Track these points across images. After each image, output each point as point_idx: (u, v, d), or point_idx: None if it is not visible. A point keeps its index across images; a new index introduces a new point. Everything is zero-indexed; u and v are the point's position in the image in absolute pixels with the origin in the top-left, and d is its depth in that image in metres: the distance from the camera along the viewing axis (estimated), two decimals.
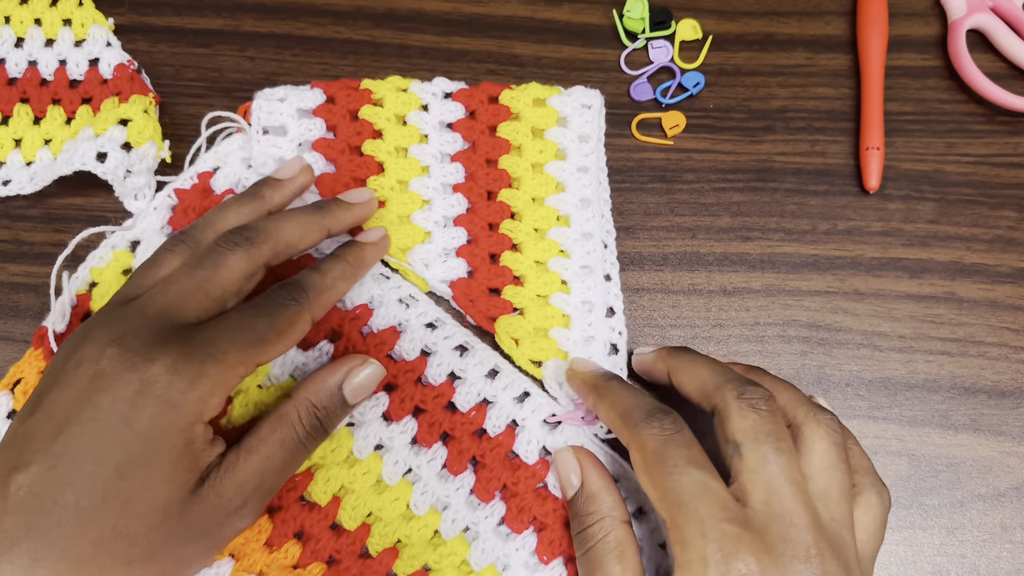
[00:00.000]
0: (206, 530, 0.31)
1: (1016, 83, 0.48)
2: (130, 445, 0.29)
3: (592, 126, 0.45)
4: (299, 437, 0.34)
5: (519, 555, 0.37)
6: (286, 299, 0.34)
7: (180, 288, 0.32)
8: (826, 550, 0.29)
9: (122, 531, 0.28)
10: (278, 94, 0.44)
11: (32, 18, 0.47)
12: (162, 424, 0.29)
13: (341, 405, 0.36)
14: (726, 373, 0.34)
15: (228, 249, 0.34)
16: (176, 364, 0.29)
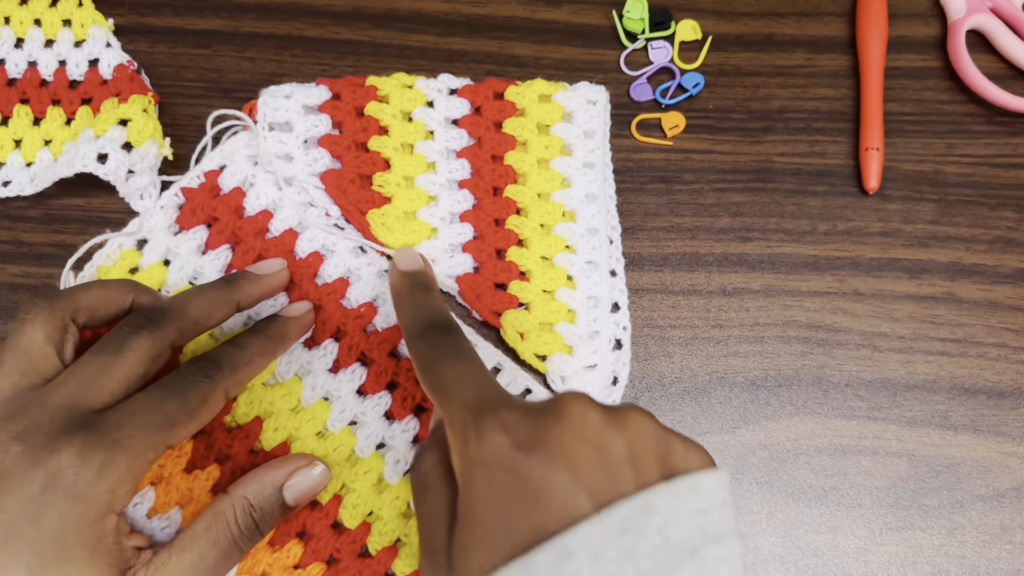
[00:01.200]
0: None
1: (1016, 84, 0.48)
2: (39, 546, 0.27)
3: (597, 122, 0.45)
4: (233, 537, 0.32)
5: None
6: (197, 376, 0.32)
7: (82, 375, 0.31)
8: None
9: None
10: (284, 91, 0.44)
11: (32, 18, 0.47)
12: (71, 519, 0.28)
13: (280, 507, 0.34)
14: None
15: (131, 331, 0.32)
16: (82, 454, 0.28)
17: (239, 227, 0.41)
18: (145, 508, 0.36)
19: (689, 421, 0.41)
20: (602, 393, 0.40)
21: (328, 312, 0.40)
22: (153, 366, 0.32)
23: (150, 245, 0.41)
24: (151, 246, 0.41)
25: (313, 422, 0.38)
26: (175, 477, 0.36)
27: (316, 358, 0.39)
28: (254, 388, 0.38)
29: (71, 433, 0.29)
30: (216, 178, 0.43)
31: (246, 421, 0.38)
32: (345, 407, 0.39)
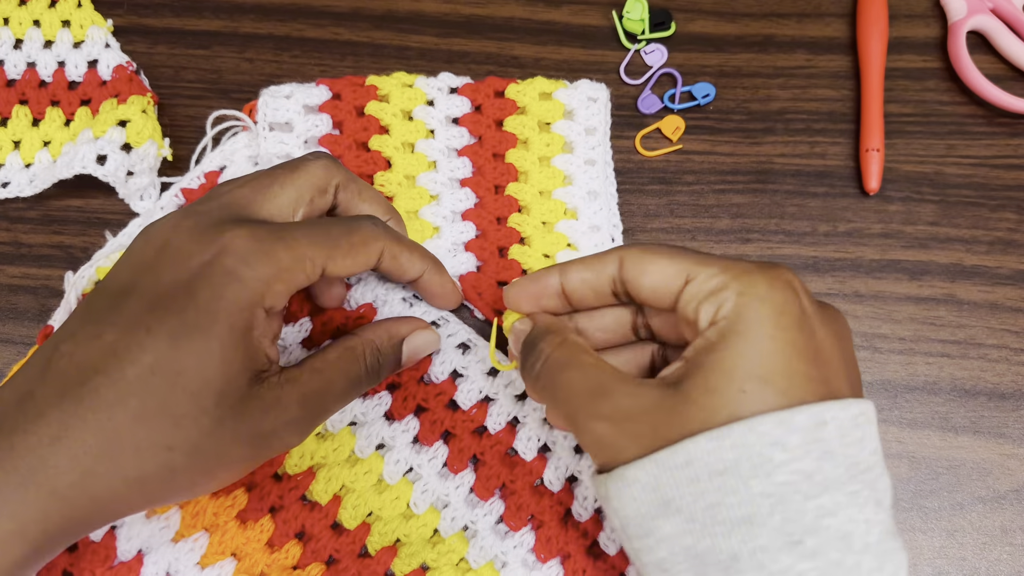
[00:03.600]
0: (257, 433, 0.29)
1: (1016, 85, 0.48)
2: (188, 314, 0.27)
3: (598, 119, 0.45)
4: (360, 373, 0.34)
5: (517, 552, 0.37)
6: (367, 221, 0.33)
7: (258, 181, 0.32)
8: None
9: (169, 410, 0.26)
10: (284, 91, 0.44)
11: (31, 19, 0.47)
12: (225, 297, 0.28)
13: (396, 360, 0.36)
14: None
15: (309, 157, 0.34)
16: (247, 241, 0.29)
17: None
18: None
19: None
20: None
21: (328, 314, 0.40)
22: (319, 199, 0.34)
23: None
24: None
25: None
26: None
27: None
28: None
29: (242, 223, 0.30)
30: (216, 179, 0.43)
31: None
32: (345, 408, 0.39)
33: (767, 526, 0.25)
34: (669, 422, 0.26)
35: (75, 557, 0.35)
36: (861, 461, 0.26)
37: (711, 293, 0.27)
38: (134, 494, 0.27)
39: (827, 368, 0.26)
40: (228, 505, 0.36)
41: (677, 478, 0.25)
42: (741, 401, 0.25)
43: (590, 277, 0.32)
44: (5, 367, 0.41)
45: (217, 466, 0.29)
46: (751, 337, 0.26)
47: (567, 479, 0.38)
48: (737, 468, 0.25)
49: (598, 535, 0.37)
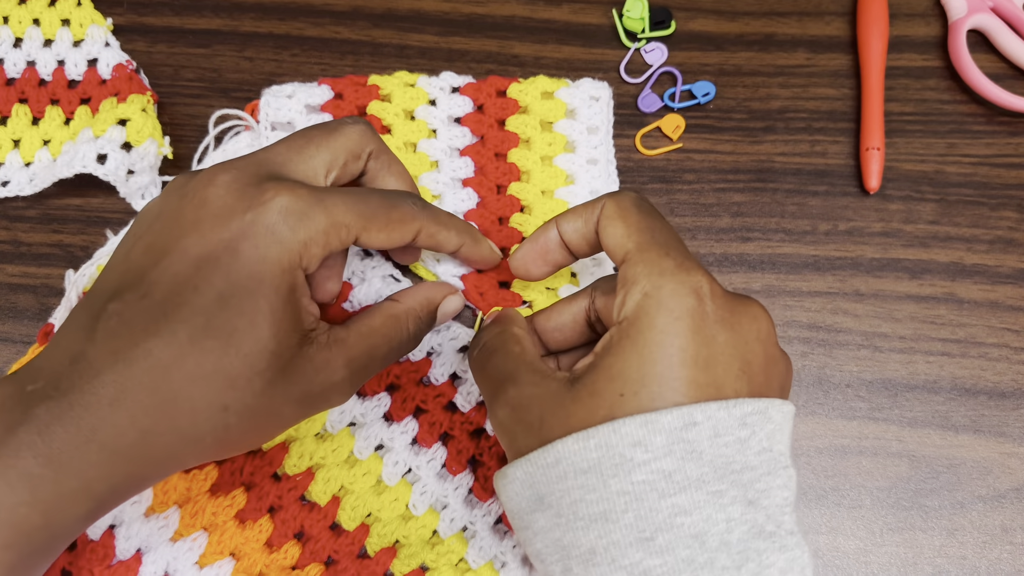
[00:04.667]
0: (307, 393, 0.29)
1: (1017, 83, 0.48)
2: (234, 274, 0.27)
3: (600, 118, 0.44)
4: (403, 339, 0.34)
5: (516, 552, 0.37)
6: (407, 200, 0.33)
7: (293, 142, 0.32)
8: None
9: (223, 371, 0.27)
10: (286, 91, 0.44)
11: (31, 18, 0.47)
12: (269, 258, 0.28)
13: (431, 324, 0.37)
14: None
15: (347, 120, 0.34)
16: (288, 200, 0.28)
17: None
18: (143, 508, 0.36)
19: None
20: None
21: (330, 316, 0.40)
22: (352, 164, 0.33)
23: None
24: None
25: (312, 424, 0.38)
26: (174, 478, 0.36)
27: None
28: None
29: (283, 182, 0.29)
30: None
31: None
32: (344, 409, 0.38)
33: (620, 523, 0.26)
34: (555, 416, 0.28)
35: (74, 556, 0.35)
36: (736, 461, 0.26)
37: (625, 285, 0.28)
38: (190, 451, 0.28)
39: (722, 373, 0.27)
40: (227, 505, 0.36)
41: (548, 476, 0.27)
42: (617, 404, 0.26)
43: (580, 226, 0.33)
44: (5, 366, 0.41)
45: (267, 424, 0.30)
46: (640, 342, 0.27)
47: None
48: (599, 467, 0.26)
49: None
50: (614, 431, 0.26)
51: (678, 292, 0.27)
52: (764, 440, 0.27)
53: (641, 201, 0.31)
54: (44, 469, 0.25)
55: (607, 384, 0.27)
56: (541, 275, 0.35)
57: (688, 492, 0.25)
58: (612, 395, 0.27)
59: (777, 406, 0.27)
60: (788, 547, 0.26)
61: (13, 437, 0.25)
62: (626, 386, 0.26)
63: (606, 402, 0.27)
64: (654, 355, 0.26)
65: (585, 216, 0.33)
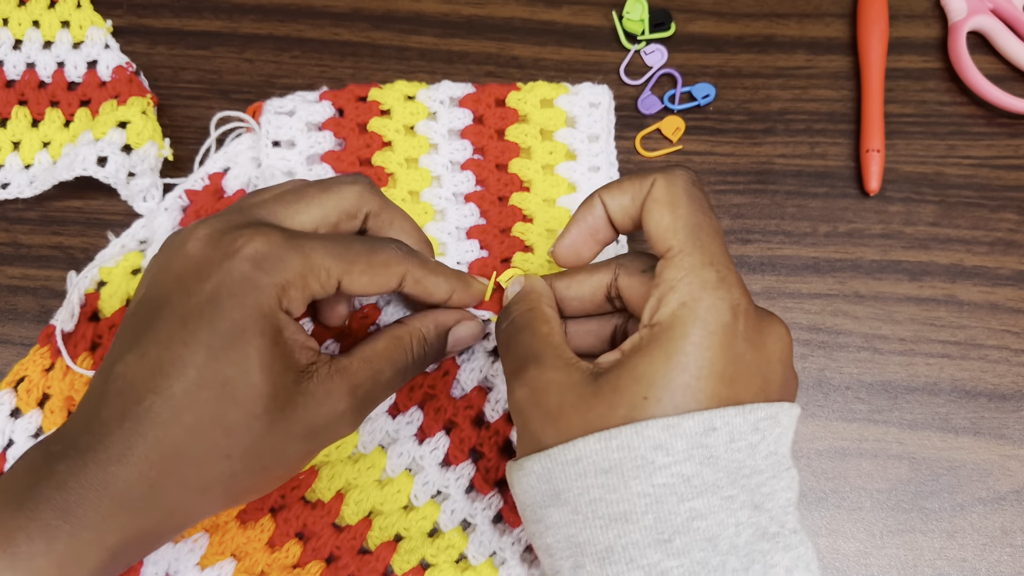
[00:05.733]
0: (311, 429, 0.30)
1: (1017, 85, 0.48)
2: (218, 326, 0.28)
3: (601, 125, 0.44)
4: (407, 363, 0.34)
5: (515, 549, 0.37)
6: (391, 246, 0.33)
7: (283, 193, 0.32)
8: None
9: (220, 420, 0.27)
10: (287, 107, 0.43)
11: (30, 20, 0.47)
12: (247, 305, 0.28)
13: (441, 349, 0.36)
14: None
15: (345, 180, 0.33)
16: (260, 245, 0.29)
17: None
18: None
19: None
20: None
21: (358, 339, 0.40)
22: (345, 223, 0.33)
23: (153, 247, 0.42)
24: (154, 248, 0.41)
25: None
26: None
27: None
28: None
29: (257, 228, 0.30)
30: (220, 180, 0.43)
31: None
32: None
33: (640, 524, 0.26)
34: (575, 407, 0.28)
35: None
36: (746, 466, 0.27)
37: (662, 286, 0.28)
38: (199, 502, 0.29)
39: (743, 390, 0.27)
40: None
41: (567, 472, 0.27)
42: (639, 406, 0.27)
43: (627, 203, 0.32)
44: (5, 367, 0.41)
45: (275, 465, 0.30)
46: (671, 349, 0.27)
47: None
48: (621, 468, 0.26)
49: None
50: (637, 433, 0.26)
51: (716, 308, 0.27)
52: (772, 444, 0.28)
53: (692, 186, 0.30)
54: (60, 521, 0.26)
55: (631, 385, 0.27)
56: (592, 257, 0.34)
57: (704, 496, 0.26)
58: (635, 396, 0.27)
59: (786, 410, 0.28)
60: (792, 546, 0.27)
61: (35, 492, 0.27)
62: (651, 390, 0.27)
63: (627, 402, 0.27)
64: (683, 364, 0.27)
65: (632, 192, 0.31)
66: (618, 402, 0.27)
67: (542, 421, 0.29)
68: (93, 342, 0.40)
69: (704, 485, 0.26)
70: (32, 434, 0.39)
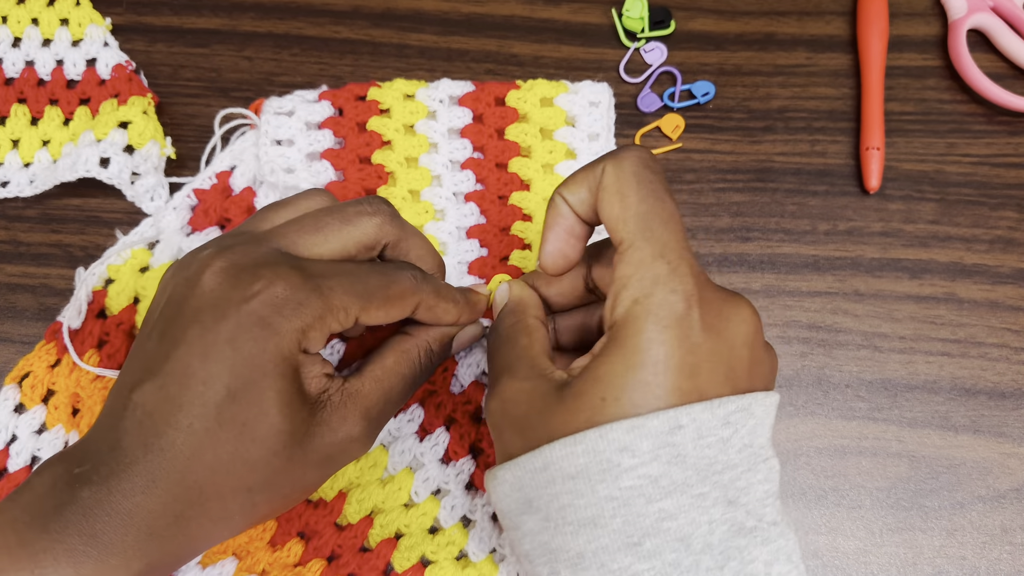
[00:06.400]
0: (327, 455, 0.30)
1: (1017, 83, 0.48)
2: (237, 367, 0.28)
3: (601, 124, 0.44)
4: (416, 374, 0.34)
5: None
6: (406, 272, 0.33)
7: (301, 225, 0.32)
8: None
9: (240, 457, 0.28)
10: (286, 107, 0.43)
11: (29, 17, 0.47)
12: (268, 349, 0.28)
13: (445, 356, 0.36)
14: None
15: (365, 209, 0.33)
16: (282, 290, 0.28)
17: None
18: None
19: None
20: None
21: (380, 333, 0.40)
22: (362, 254, 0.33)
23: (162, 246, 0.42)
24: (163, 247, 0.42)
25: None
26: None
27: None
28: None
29: (276, 268, 0.29)
30: (227, 179, 0.43)
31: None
32: None
33: (609, 528, 0.26)
34: (540, 416, 0.28)
35: None
36: (718, 461, 0.27)
37: (616, 284, 0.28)
38: (221, 529, 0.29)
39: (705, 381, 0.27)
40: None
41: (536, 480, 0.27)
42: (599, 408, 0.26)
43: (586, 196, 0.31)
44: (5, 365, 0.41)
45: (293, 492, 0.31)
46: (627, 348, 0.27)
47: None
48: (587, 472, 0.26)
49: None
50: (601, 436, 0.26)
51: (668, 301, 0.27)
52: (746, 436, 0.27)
53: (643, 168, 0.30)
54: (87, 547, 0.27)
55: (591, 388, 0.27)
56: (578, 257, 0.33)
57: (673, 496, 0.26)
58: (594, 399, 0.27)
59: (760, 400, 0.28)
60: (771, 539, 0.27)
61: (61, 516, 0.27)
62: (608, 391, 0.27)
63: (588, 406, 0.27)
64: (639, 361, 0.26)
65: (587, 183, 0.31)
66: (580, 407, 0.27)
67: (511, 432, 0.29)
68: (100, 339, 0.40)
69: (672, 485, 0.26)
70: (35, 430, 0.39)
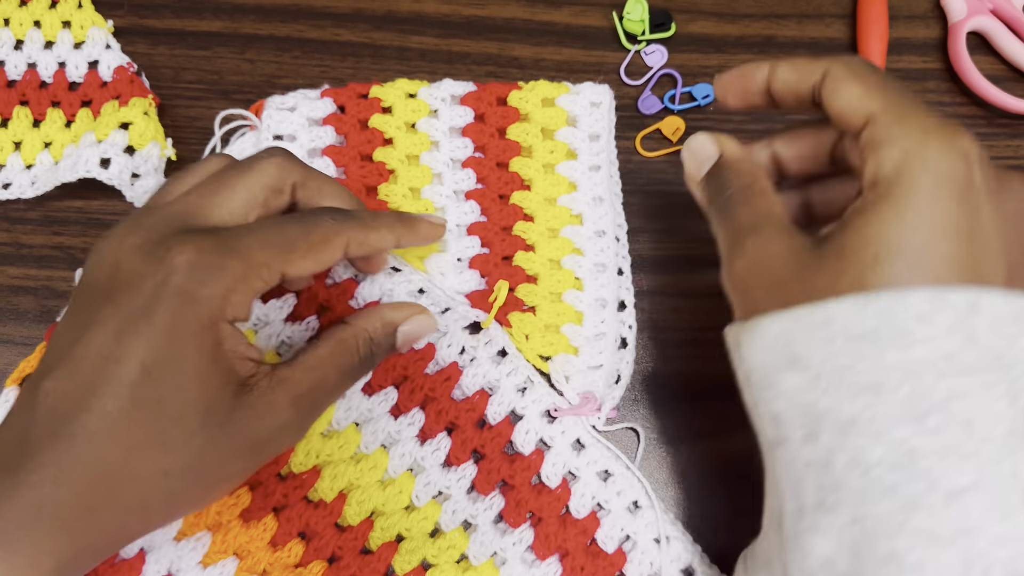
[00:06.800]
0: (253, 442, 0.29)
1: (1016, 86, 0.48)
2: (154, 342, 0.27)
3: (602, 124, 0.45)
4: (353, 364, 0.33)
5: (516, 550, 0.37)
6: (325, 217, 0.32)
7: (207, 187, 0.31)
8: None
9: (158, 438, 0.27)
10: (288, 103, 0.44)
11: (31, 20, 0.47)
12: (184, 319, 0.27)
13: (390, 347, 0.35)
14: None
15: (263, 156, 0.32)
16: (197, 256, 0.28)
17: None
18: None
19: (688, 424, 0.41)
20: (604, 391, 0.40)
21: (336, 312, 0.40)
22: (273, 200, 0.32)
23: None
24: None
25: (318, 422, 0.38)
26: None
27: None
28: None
29: (188, 236, 0.28)
30: None
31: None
32: (351, 406, 0.39)
33: (892, 397, 0.24)
34: (799, 276, 0.26)
35: None
36: (1006, 356, 0.25)
37: (879, 145, 0.26)
38: (138, 520, 0.28)
39: (981, 252, 0.25)
40: (231, 504, 0.36)
41: (812, 336, 0.26)
42: (869, 270, 0.25)
43: (794, 80, 0.31)
44: (6, 367, 0.41)
45: (216, 480, 0.29)
46: (900, 205, 0.25)
47: (564, 476, 0.38)
48: (876, 336, 0.25)
49: (596, 532, 0.37)
50: (898, 301, 0.24)
51: (945, 154, 0.25)
52: None
53: (875, 66, 0.29)
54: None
55: (860, 248, 0.25)
56: (736, 107, 0.33)
57: (964, 377, 0.24)
58: (864, 259, 0.25)
59: None
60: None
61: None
62: (882, 250, 0.25)
63: (855, 267, 0.25)
64: (915, 220, 0.25)
65: (801, 72, 0.30)
66: (847, 266, 0.25)
67: (764, 291, 0.27)
68: None
69: (964, 366, 0.24)
70: None
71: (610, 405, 0.40)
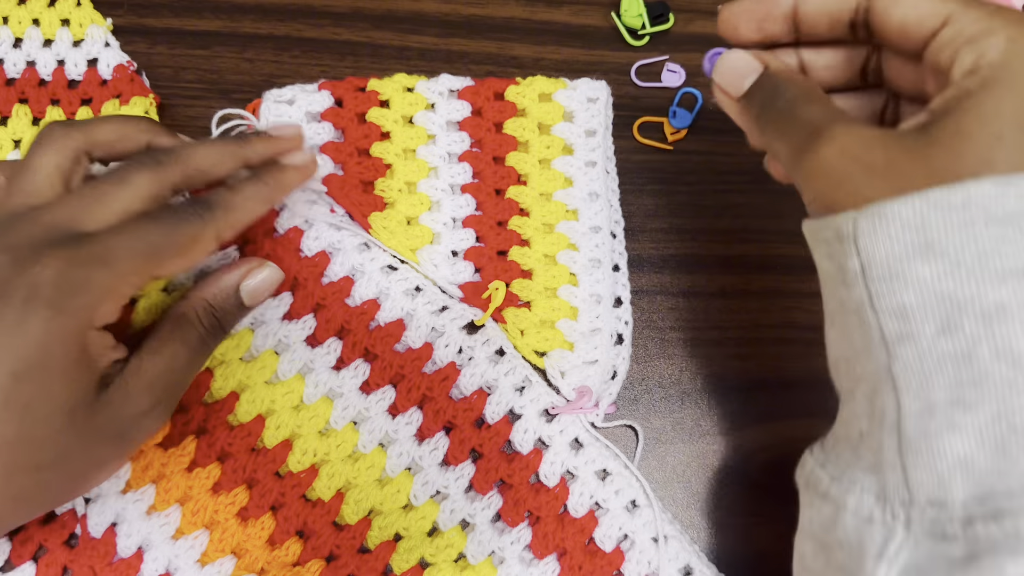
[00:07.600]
0: (117, 432, 0.31)
1: None
2: (22, 351, 0.28)
3: (598, 120, 0.45)
4: (200, 335, 0.34)
5: (514, 549, 0.37)
6: (189, 214, 0.32)
7: (79, 199, 0.31)
8: None
9: (27, 436, 0.28)
10: (286, 96, 0.44)
11: (30, 18, 0.47)
12: (52, 330, 0.28)
13: (238, 307, 0.36)
14: None
15: (136, 167, 0.33)
16: (64, 268, 0.29)
17: None
18: (145, 506, 0.36)
19: (688, 423, 0.41)
20: (601, 387, 0.40)
21: (332, 311, 0.40)
22: (151, 205, 0.33)
23: None
24: None
25: (315, 420, 0.38)
26: (176, 476, 0.36)
27: (319, 356, 0.39)
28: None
29: (57, 248, 0.29)
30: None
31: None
32: (348, 404, 0.39)
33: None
34: (909, 158, 0.25)
35: (75, 553, 0.35)
36: None
37: (973, 38, 0.25)
38: (14, 510, 0.30)
39: None
40: (229, 503, 0.36)
41: (948, 220, 0.24)
42: (995, 148, 0.24)
43: (833, 4, 0.29)
44: None
45: (88, 470, 0.31)
46: (1018, 86, 0.24)
47: (563, 475, 0.38)
48: (1021, 218, 0.23)
49: (594, 531, 0.37)
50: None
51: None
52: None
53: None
54: None
55: (979, 126, 0.24)
56: (747, 39, 0.31)
57: None
58: (987, 137, 0.24)
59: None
60: None
61: None
62: (1006, 128, 0.23)
63: (979, 145, 0.24)
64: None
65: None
66: (967, 148, 0.24)
67: (866, 176, 0.25)
68: None
69: None
70: None
71: (607, 401, 0.40)
